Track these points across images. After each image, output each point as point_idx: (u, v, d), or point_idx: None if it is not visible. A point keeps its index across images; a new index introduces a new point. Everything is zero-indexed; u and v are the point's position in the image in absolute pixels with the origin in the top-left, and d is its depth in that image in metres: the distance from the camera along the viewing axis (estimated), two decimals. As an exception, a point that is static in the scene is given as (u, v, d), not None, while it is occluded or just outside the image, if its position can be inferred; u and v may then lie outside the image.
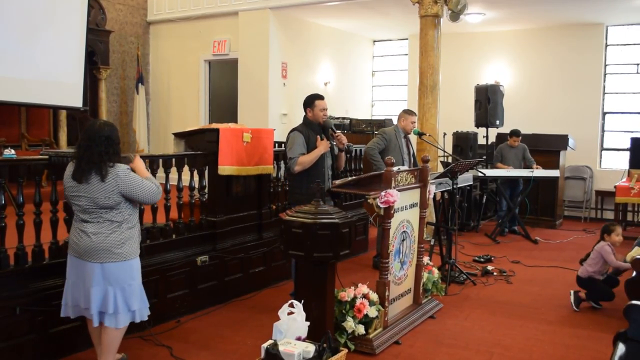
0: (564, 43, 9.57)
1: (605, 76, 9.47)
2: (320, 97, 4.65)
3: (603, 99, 9.49)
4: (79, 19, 7.86)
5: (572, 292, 4.87)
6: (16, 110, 8.51)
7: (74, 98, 7.92)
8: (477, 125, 8.51)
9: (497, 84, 8.62)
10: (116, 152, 3.20)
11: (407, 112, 5.94)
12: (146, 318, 3.36)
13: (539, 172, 7.60)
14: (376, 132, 6.58)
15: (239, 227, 5.05)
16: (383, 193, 3.83)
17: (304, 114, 4.65)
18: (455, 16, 7.43)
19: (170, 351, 3.76)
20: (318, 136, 4.57)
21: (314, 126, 4.60)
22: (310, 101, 4.62)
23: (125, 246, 3.18)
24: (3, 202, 3.50)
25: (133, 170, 3.29)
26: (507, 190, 7.94)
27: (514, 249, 7.03)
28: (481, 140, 8.62)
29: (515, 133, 7.90)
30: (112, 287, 3.15)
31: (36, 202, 3.65)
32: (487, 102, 8.33)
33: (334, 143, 4.67)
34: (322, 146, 4.53)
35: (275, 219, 5.27)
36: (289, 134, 4.63)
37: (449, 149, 8.23)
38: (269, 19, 9.09)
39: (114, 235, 3.15)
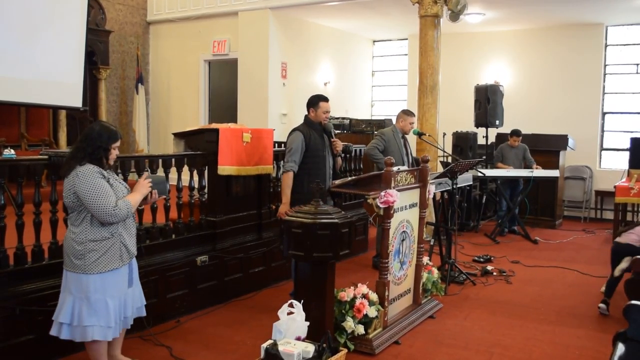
0: (564, 43, 9.57)
1: (605, 76, 9.47)
2: (325, 99, 4.66)
3: (603, 99, 9.49)
4: (79, 19, 7.87)
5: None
6: (16, 110, 8.51)
7: (74, 98, 7.92)
8: (477, 125, 8.51)
9: (497, 84, 8.62)
10: (94, 154, 3.03)
11: (406, 112, 5.94)
12: (108, 338, 3.10)
13: (539, 172, 7.61)
14: (375, 133, 6.57)
15: (239, 227, 5.05)
16: (383, 193, 3.83)
17: (306, 113, 4.65)
18: (455, 16, 7.43)
19: (170, 351, 3.76)
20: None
21: (316, 126, 4.61)
22: (315, 101, 4.63)
23: (85, 259, 2.99)
24: (3, 202, 3.50)
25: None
26: (507, 190, 7.94)
27: (513, 249, 7.03)
28: (481, 140, 8.62)
29: (515, 133, 7.90)
30: (72, 296, 3.03)
31: (36, 202, 3.65)
32: (487, 102, 8.33)
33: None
34: None
35: (275, 219, 5.27)
36: (290, 133, 4.64)
37: (449, 149, 8.22)
38: (268, 19, 9.09)
39: (74, 244, 3.02)
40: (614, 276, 4.71)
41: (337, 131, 4.98)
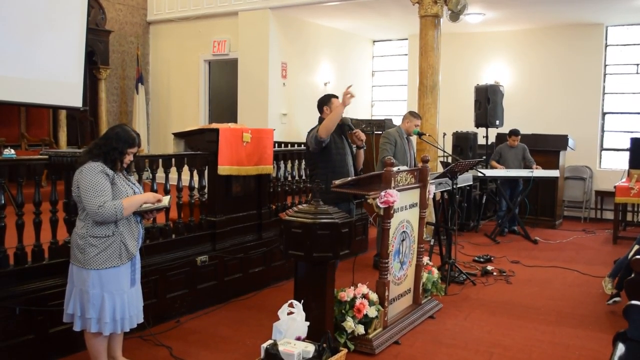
0: (563, 43, 9.57)
1: (605, 76, 9.47)
2: (336, 97, 4.72)
3: (603, 99, 9.49)
4: (79, 19, 7.86)
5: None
6: (16, 110, 8.52)
7: (74, 98, 7.92)
8: (477, 125, 8.52)
9: (497, 84, 8.62)
10: (108, 154, 3.08)
11: (413, 114, 5.91)
12: (105, 333, 3.11)
13: (539, 172, 7.61)
14: (382, 134, 6.39)
15: (239, 227, 5.05)
16: (383, 193, 3.83)
17: (319, 115, 4.68)
18: (455, 16, 7.43)
19: (170, 351, 3.76)
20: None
21: None
22: (327, 99, 4.68)
23: (85, 253, 3.05)
24: (3, 202, 3.50)
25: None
26: (507, 190, 7.94)
27: (513, 249, 7.03)
28: (481, 141, 8.62)
29: (514, 132, 7.90)
30: (76, 288, 3.11)
31: (36, 202, 3.65)
32: (487, 102, 8.33)
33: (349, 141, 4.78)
34: (340, 107, 4.51)
35: (275, 219, 5.28)
36: (309, 132, 4.70)
37: (449, 149, 8.22)
38: (268, 19, 9.09)
39: (77, 237, 3.09)
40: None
41: (354, 128, 4.94)
